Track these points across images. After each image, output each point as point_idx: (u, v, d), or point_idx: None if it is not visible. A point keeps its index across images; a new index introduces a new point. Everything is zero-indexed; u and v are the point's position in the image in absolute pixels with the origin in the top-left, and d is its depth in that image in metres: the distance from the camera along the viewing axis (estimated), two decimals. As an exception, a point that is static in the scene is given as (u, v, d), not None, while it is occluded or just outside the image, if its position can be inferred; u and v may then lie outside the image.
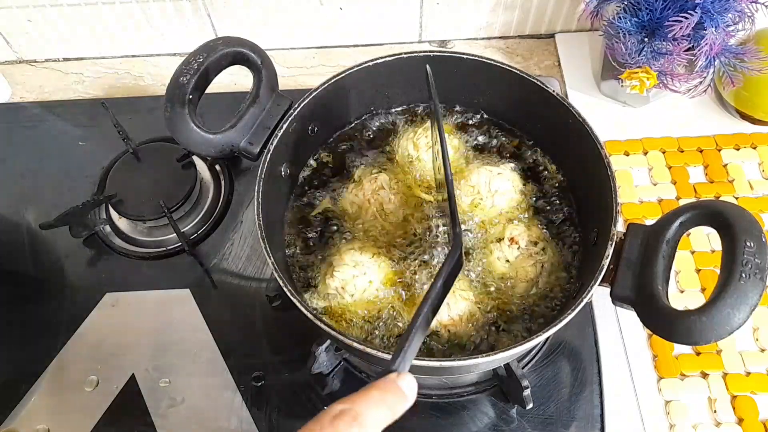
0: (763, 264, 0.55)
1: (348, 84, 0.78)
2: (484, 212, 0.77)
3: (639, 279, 0.62)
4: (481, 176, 0.77)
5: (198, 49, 0.73)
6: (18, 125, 1.02)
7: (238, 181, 0.95)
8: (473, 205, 0.77)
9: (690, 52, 0.81)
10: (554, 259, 0.74)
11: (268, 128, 0.75)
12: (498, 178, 0.77)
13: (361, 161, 0.83)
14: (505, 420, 0.76)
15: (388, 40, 1.11)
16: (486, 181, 0.77)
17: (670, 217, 0.63)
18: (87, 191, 0.93)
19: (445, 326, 0.69)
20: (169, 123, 0.71)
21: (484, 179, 0.77)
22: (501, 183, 0.77)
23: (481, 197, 0.77)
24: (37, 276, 0.89)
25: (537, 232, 0.74)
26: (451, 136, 0.82)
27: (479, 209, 0.77)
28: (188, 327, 0.83)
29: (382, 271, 0.73)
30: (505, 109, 0.84)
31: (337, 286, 0.71)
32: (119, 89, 1.08)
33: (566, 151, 0.78)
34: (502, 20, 1.08)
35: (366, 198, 0.77)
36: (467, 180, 0.78)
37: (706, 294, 0.84)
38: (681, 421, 0.76)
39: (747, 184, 0.92)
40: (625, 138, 0.97)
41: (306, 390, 0.78)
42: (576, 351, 0.80)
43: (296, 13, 1.04)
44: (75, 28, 1.05)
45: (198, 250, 0.89)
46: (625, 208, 0.91)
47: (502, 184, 0.77)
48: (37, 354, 0.82)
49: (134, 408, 0.78)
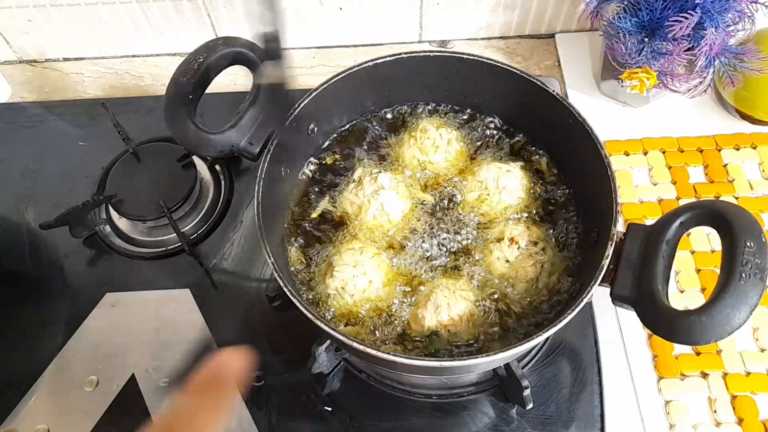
0: (763, 264, 0.55)
1: (348, 84, 0.78)
2: (490, 207, 0.77)
3: (639, 279, 0.62)
4: (490, 172, 0.77)
5: (198, 49, 0.73)
6: (18, 125, 1.02)
7: (238, 181, 0.95)
8: (480, 200, 0.77)
9: (690, 52, 0.81)
10: (554, 259, 0.74)
11: (268, 128, 0.75)
12: (507, 176, 0.77)
13: (361, 161, 0.83)
14: (505, 420, 0.76)
15: (388, 40, 1.11)
16: (495, 177, 0.77)
17: (670, 217, 0.63)
18: (87, 191, 0.93)
19: (445, 326, 0.69)
20: (169, 123, 0.72)
21: (493, 175, 0.77)
22: (509, 180, 0.77)
23: (489, 193, 0.77)
24: (37, 276, 0.89)
25: (537, 231, 0.74)
26: (450, 131, 0.82)
27: (485, 204, 0.77)
28: (188, 327, 0.83)
29: (382, 270, 0.73)
30: (505, 109, 0.84)
31: (337, 286, 0.71)
32: (119, 89, 1.08)
33: (566, 151, 0.78)
34: (502, 20, 1.08)
35: (366, 198, 0.77)
36: (475, 175, 0.78)
37: (706, 294, 0.84)
38: (681, 421, 0.76)
39: (747, 184, 0.92)
40: (625, 138, 0.97)
41: (306, 390, 0.78)
42: (576, 351, 0.80)
43: (296, 13, 1.04)
44: (75, 28, 1.05)
45: (198, 250, 0.89)
46: (625, 208, 0.91)
47: (510, 181, 0.77)
48: (37, 354, 0.82)
49: (134, 408, 0.78)
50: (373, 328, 0.71)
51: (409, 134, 0.82)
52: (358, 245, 0.74)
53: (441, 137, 0.80)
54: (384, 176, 0.78)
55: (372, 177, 0.78)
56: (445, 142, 0.80)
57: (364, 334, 0.71)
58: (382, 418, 0.77)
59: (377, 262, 0.73)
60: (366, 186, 0.77)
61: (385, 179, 0.77)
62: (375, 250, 0.74)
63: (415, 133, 0.81)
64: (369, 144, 0.85)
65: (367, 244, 0.75)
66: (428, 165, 0.81)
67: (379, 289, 0.72)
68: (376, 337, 0.71)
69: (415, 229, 0.77)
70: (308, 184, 0.82)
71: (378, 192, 0.76)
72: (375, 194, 0.76)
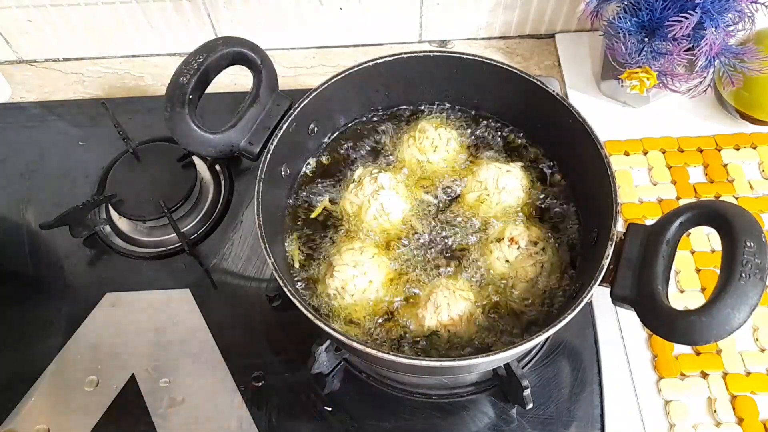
0: (763, 264, 0.55)
1: (348, 84, 0.78)
2: (489, 208, 0.77)
3: (639, 279, 0.62)
4: (489, 172, 0.77)
5: (198, 49, 0.73)
6: (18, 125, 1.02)
7: (238, 181, 0.95)
8: (479, 200, 0.77)
9: (690, 52, 0.81)
10: (554, 259, 0.74)
11: (268, 128, 0.75)
12: (507, 176, 0.77)
13: (361, 161, 0.83)
14: (505, 420, 0.76)
15: (388, 40, 1.11)
16: (494, 177, 0.77)
17: (670, 217, 0.63)
18: (87, 191, 0.93)
19: (445, 326, 0.69)
20: (169, 123, 0.71)
21: (493, 175, 0.77)
22: (509, 180, 0.77)
23: (488, 193, 0.77)
24: (37, 276, 0.89)
25: (537, 232, 0.74)
26: (449, 131, 0.82)
27: (485, 205, 0.77)
28: (188, 327, 0.83)
29: (382, 271, 0.73)
30: (505, 109, 0.84)
31: (337, 286, 0.71)
32: (119, 89, 1.08)
33: (566, 151, 0.78)
34: (502, 20, 1.08)
35: (366, 198, 0.77)
36: (475, 175, 0.78)
37: (706, 294, 0.84)
38: (681, 421, 0.76)
39: (747, 184, 0.92)
40: (625, 138, 0.97)
41: (306, 390, 0.78)
42: (576, 351, 0.80)
43: (296, 13, 1.04)
44: (75, 28, 1.05)
45: (198, 250, 0.89)
46: (625, 208, 0.91)
47: (510, 181, 0.77)
48: (37, 354, 0.82)
49: (134, 408, 0.78)
50: (373, 327, 0.71)
51: (409, 134, 0.82)
52: (359, 245, 0.74)
53: (440, 137, 0.80)
54: (384, 176, 0.78)
55: (372, 177, 0.78)
56: (444, 142, 0.80)
57: (364, 335, 0.71)
58: (382, 418, 0.77)
59: (377, 262, 0.73)
60: (366, 186, 0.77)
61: (385, 179, 0.77)
62: (375, 249, 0.74)
63: (414, 133, 0.81)
64: (369, 144, 0.85)
65: (367, 243, 0.75)
66: (427, 165, 0.81)
67: (379, 290, 0.72)
68: (376, 337, 0.71)
69: (415, 229, 0.77)
70: (308, 184, 0.82)
71: (378, 192, 0.76)
72: (375, 194, 0.76)
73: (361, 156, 0.84)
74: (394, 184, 0.78)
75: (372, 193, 0.77)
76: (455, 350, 0.69)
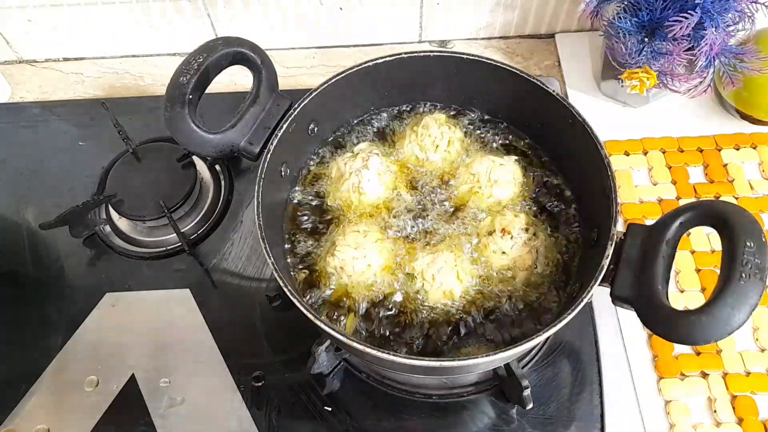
0: (763, 264, 0.55)
1: (348, 84, 0.78)
2: (481, 201, 0.77)
3: (639, 279, 0.62)
4: (483, 165, 0.77)
5: (198, 49, 0.73)
6: (18, 125, 1.02)
7: (238, 181, 0.95)
8: (471, 192, 0.77)
9: (690, 52, 0.81)
10: (547, 243, 0.74)
11: (268, 128, 0.75)
12: (500, 169, 0.77)
13: (367, 141, 0.84)
14: (505, 420, 0.76)
15: (388, 40, 1.11)
16: (487, 170, 0.77)
17: (670, 217, 0.63)
18: (87, 191, 0.93)
19: (425, 278, 0.70)
20: (169, 123, 0.71)
21: (486, 168, 0.77)
22: (502, 173, 0.77)
23: (480, 186, 0.77)
24: (37, 276, 0.89)
25: (525, 218, 0.74)
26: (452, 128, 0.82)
27: (477, 197, 0.77)
28: (188, 327, 0.83)
29: (383, 256, 0.73)
30: (505, 109, 0.84)
31: (337, 265, 0.72)
32: (119, 89, 1.08)
33: (566, 151, 0.78)
34: (502, 20, 1.08)
35: (350, 170, 0.77)
36: (468, 168, 0.78)
37: (706, 294, 0.84)
38: (681, 421, 0.76)
39: (747, 184, 0.92)
40: (625, 138, 0.97)
41: (306, 390, 0.78)
42: (576, 351, 0.80)
43: (296, 13, 1.04)
44: (75, 28, 1.05)
45: (198, 250, 0.90)
46: (625, 208, 0.91)
47: (503, 174, 0.77)
48: (37, 354, 0.82)
49: (134, 408, 0.78)
50: (368, 308, 0.72)
51: (411, 129, 0.83)
52: (363, 228, 0.74)
53: (442, 136, 0.80)
54: (376, 159, 0.78)
55: (366, 154, 0.78)
56: (445, 142, 0.80)
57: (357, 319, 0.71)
58: (382, 418, 0.77)
59: (379, 248, 0.73)
60: (357, 160, 0.78)
61: (375, 162, 0.77)
62: (379, 235, 0.74)
63: (416, 129, 0.81)
64: (369, 144, 0.85)
65: (371, 227, 0.75)
66: (426, 163, 0.81)
67: (377, 274, 0.73)
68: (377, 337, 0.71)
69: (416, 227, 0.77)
70: (308, 184, 0.82)
71: (361, 170, 0.77)
72: (359, 171, 0.77)
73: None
74: (382, 170, 0.78)
75: (358, 169, 0.77)
76: (455, 350, 0.69)
